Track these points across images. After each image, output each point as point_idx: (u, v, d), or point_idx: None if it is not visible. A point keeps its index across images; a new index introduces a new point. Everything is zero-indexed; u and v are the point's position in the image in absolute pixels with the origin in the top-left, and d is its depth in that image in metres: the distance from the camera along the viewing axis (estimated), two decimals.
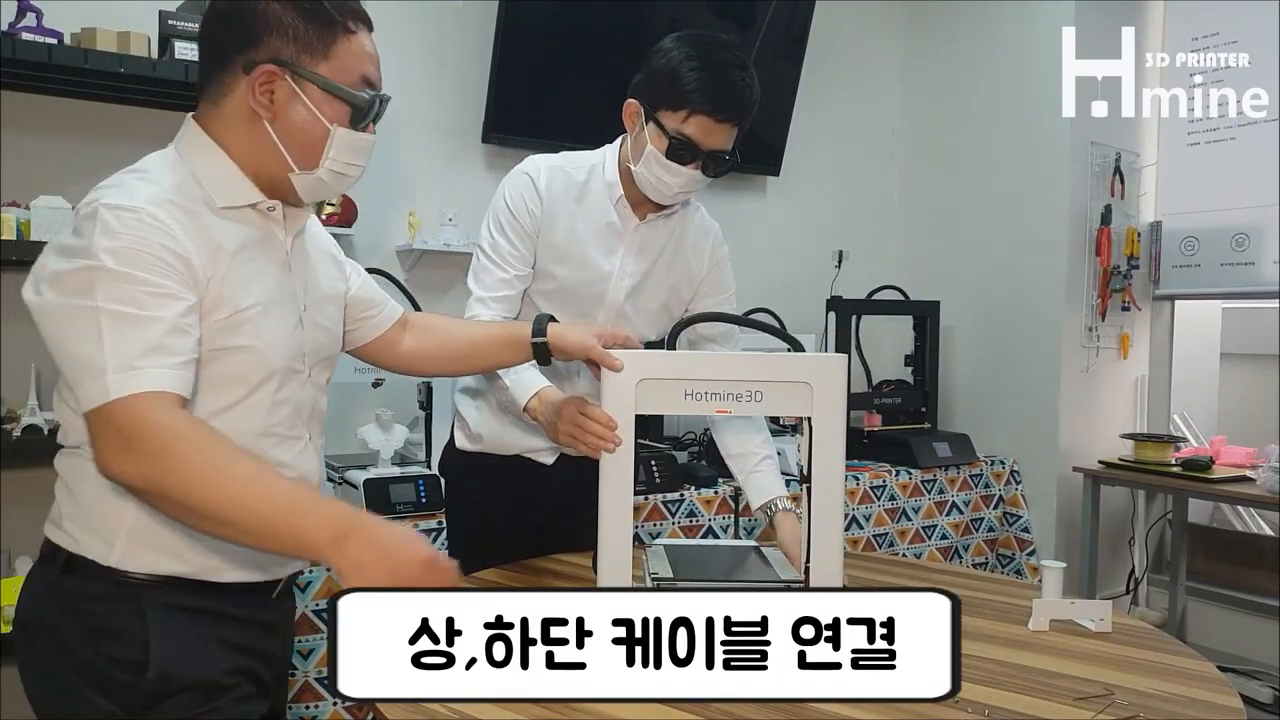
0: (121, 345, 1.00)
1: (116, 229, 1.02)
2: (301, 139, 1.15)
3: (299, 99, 1.13)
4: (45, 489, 2.36)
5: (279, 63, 1.11)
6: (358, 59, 1.16)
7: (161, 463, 0.97)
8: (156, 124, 2.43)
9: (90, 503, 1.11)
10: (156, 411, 0.99)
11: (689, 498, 2.65)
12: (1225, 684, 1.24)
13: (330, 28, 1.13)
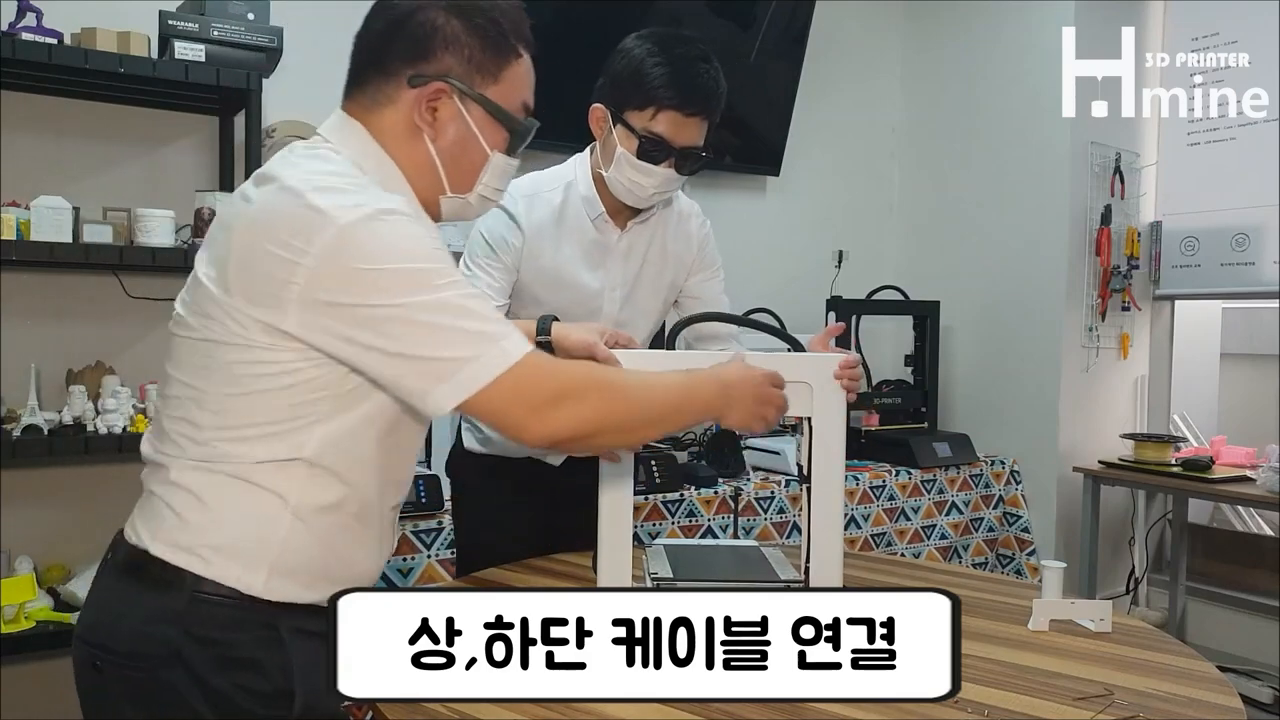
0: (489, 320, 1.01)
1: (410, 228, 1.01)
2: (461, 161, 1.13)
3: (463, 120, 1.11)
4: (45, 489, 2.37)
5: (449, 81, 1.09)
6: (523, 84, 1.15)
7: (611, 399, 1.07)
8: (156, 124, 2.44)
9: (237, 527, 1.04)
10: (553, 364, 1.07)
11: (689, 498, 2.65)
12: (1225, 684, 1.24)
13: (504, 51, 1.11)
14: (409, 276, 0.98)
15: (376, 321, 0.98)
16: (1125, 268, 3.56)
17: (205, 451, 1.04)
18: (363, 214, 0.98)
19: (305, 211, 0.98)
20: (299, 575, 1.06)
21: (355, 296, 0.97)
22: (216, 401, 1.03)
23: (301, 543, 1.06)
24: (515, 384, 0.99)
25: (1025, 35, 3.57)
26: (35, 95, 2.27)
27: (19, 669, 2.20)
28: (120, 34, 2.15)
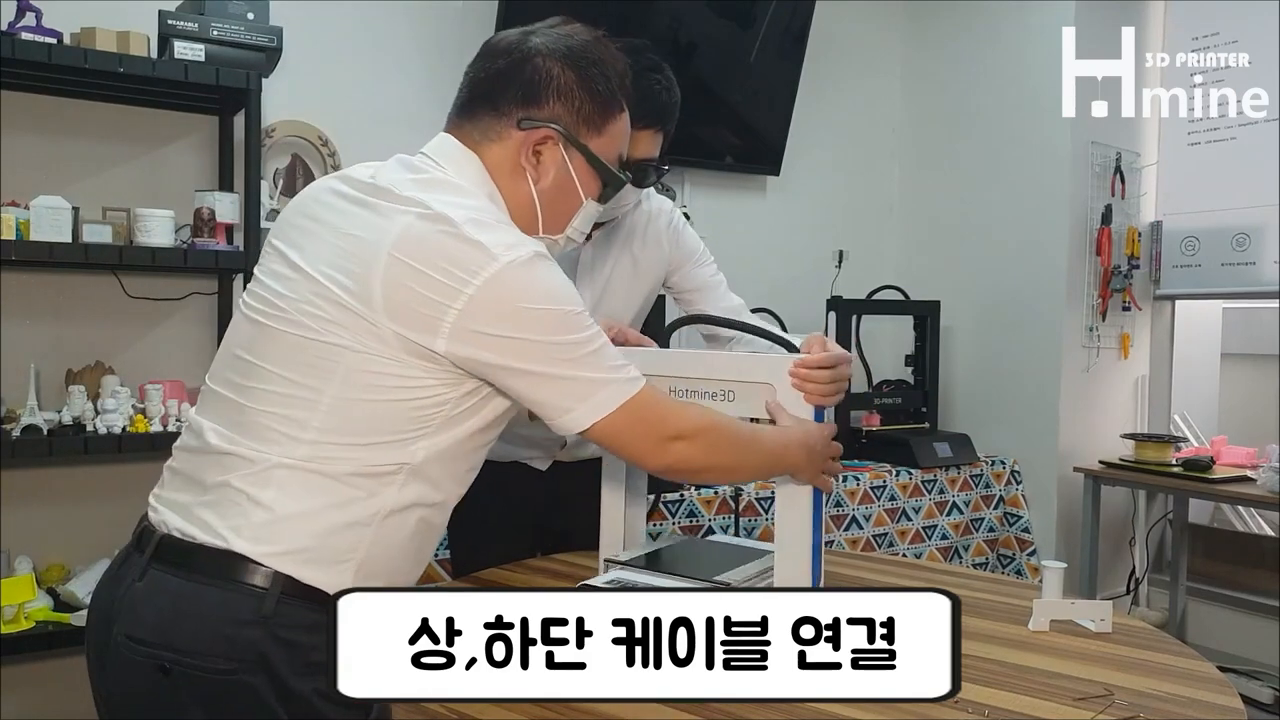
0: (618, 356, 1.12)
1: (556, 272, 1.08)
2: (558, 204, 1.19)
3: (565, 166, 1.17)
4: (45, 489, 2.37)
5: (556, 128, 1.14)
6: (622, 138, 1.21)
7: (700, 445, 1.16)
8: (156, 124, 2.44)
9: (329, 530, 1.05)
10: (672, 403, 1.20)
11: (689, 498, 2.65)
12: (1225, 684, 1.24)
13: (609, 105, 1.17)
14: (562, 318, 1.07)
15: (531, 351, 1.05)
16: (1126, 268, 3.56)
17: (309, 451, 1.04)
18: (522, 255, 1.04)
19: (466, 245, 1.03)
20: (380, 578, 1.08)
21: (512, 330, 1.04)
22: (332, 404, 1.04)
23: (388, 547, 1.09)
24: (639, 412, 1.11)
25: (1025, 35, 3.57)
26: (35, 95, 2.27)
27: (19, 669, 2.20)
28: (120, 34, 2.14)
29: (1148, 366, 3.77)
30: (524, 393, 1.09)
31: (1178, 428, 3.75)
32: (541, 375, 1.07)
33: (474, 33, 2.91)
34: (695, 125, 3.34)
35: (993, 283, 3.68)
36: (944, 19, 3.88)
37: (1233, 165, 3.43)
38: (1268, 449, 3.02)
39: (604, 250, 1.72)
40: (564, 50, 1.15)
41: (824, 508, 1.40)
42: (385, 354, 1.03)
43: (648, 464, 1.21)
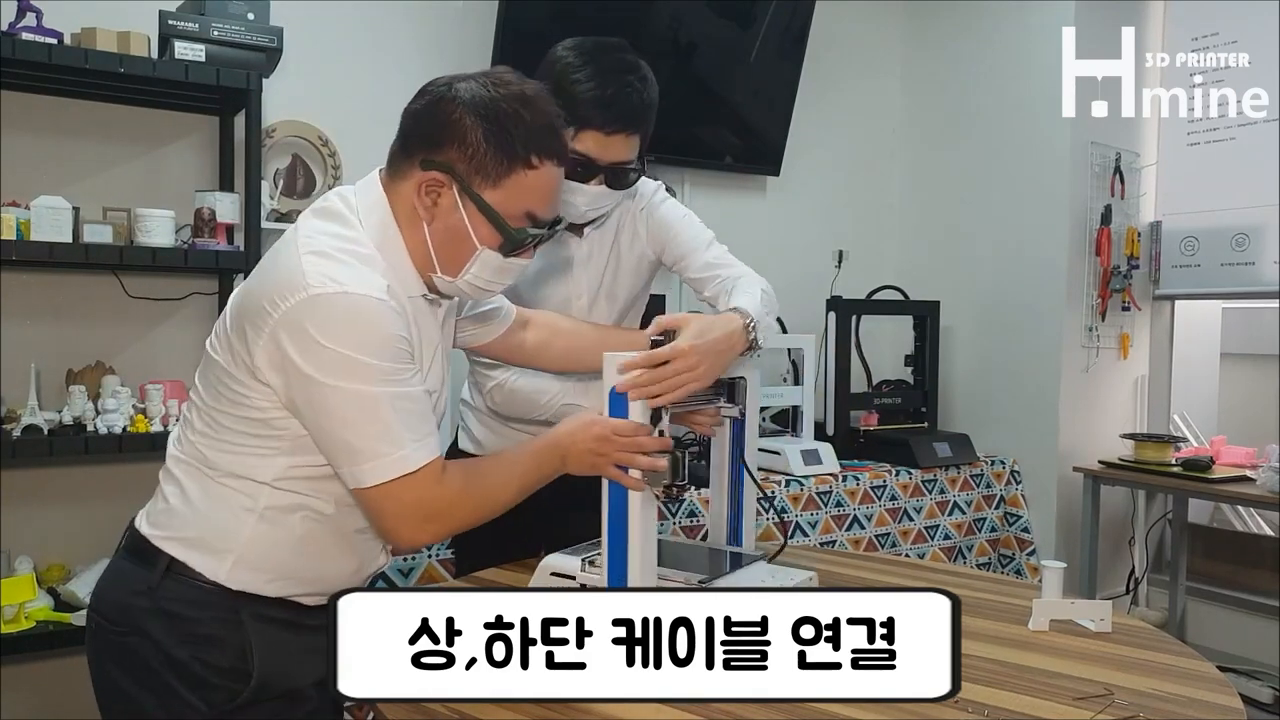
0: (405, 423, 1.10)
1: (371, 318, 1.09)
2: (450, 248, 1.19)
3: (458, 212, 1.17)
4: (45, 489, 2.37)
5: (451, 173, 1.15)
6: (529, 194, 1.18)
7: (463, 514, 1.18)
8: (156, 124, 2.44)
9: (208, 522, 1.18)
10: (439, 483, 1.13)
11: (689, 498, 2.65)
12: (1225, 684, 1.24)
13: (511, 159, 1.15)
14: (351, 365, 1.07)
15: (312, 389, 1.08)
16: (1125, 268, 3.56)
17: (193, 452, 1.19)
18: (335, 290, 1.07)
19: (295, 270, 1.09)
20: (262, 571, 1.18)
21: (303, 361, 1.07)
22: (209, 414, 1.18)
23: (266, 543, 1.18)
24: (398, 494, 1.10)
25: (1025, 35, 3.57)
26: (35, 95, 2.27)
27: (19, 669, 2.20)
28: (120, 34, 2.14)
29: (1147, 366, 3.77)
30: (310, 432, 1.12)
31: (1177, 428, 3.75)
32: (318, 423, 1.10)
33: (474, 33, 2.92)
34: (695, 125, 3.34)
35: (993, 283, 3.68)
36: (944, 19, 3.88)
37: (1232, 165, 3.43)
38: (1267, 449, 3.02)
39: (596, 245, 1.73)
40: (481, 99, 1.14)
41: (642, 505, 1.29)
42: (232, 368, 1.14)
43: (393, 541, 1.22)
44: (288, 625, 1.21)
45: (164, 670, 1.15)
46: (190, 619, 1.15)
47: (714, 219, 1.85)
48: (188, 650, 1.15)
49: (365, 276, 1.11)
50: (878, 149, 4.01)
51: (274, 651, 1.18)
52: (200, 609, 1.16)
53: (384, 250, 1.17)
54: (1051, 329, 3.52)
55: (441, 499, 1.14)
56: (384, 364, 1.09)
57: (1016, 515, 3.45)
